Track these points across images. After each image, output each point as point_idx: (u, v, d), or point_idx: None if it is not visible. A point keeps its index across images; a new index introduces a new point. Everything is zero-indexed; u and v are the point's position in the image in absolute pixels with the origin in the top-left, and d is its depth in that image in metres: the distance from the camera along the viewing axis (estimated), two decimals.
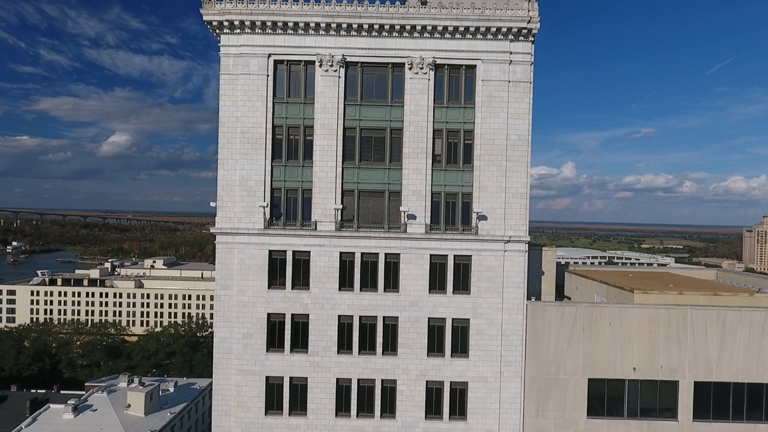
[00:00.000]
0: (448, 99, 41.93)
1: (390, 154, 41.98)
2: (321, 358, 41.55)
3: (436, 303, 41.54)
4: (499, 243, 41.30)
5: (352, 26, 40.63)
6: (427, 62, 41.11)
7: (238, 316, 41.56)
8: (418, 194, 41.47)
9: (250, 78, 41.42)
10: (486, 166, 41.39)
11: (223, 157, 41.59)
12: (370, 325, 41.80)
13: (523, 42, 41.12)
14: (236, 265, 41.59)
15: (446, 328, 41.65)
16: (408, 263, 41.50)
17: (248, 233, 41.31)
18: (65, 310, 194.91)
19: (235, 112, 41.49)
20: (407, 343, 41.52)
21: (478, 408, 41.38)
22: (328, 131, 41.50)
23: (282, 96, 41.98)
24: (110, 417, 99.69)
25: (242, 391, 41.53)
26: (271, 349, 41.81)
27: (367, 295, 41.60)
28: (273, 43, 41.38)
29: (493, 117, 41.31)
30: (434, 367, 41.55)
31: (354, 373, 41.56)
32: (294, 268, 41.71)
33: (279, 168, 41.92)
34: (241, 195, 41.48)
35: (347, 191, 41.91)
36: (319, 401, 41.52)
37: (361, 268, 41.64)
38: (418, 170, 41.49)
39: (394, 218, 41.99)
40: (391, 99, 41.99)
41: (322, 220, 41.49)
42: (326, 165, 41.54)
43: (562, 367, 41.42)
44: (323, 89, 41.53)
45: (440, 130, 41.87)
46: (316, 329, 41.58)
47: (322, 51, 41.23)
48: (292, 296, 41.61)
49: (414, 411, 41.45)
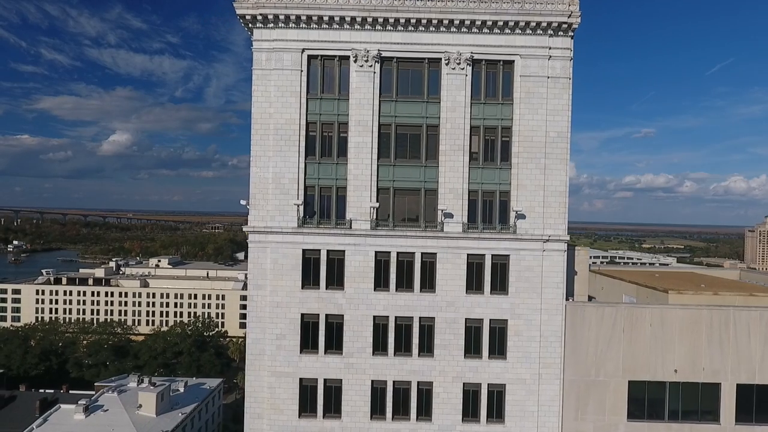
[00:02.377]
0: (485, 95, 41.08)
1: (426, 151, 41.11)
2: (356, 359, 40.68)
3: (474, 303, 40.69)
4: (537, 242, 40.45)
5: (389, 20, 39.76)
6: (464, 57, 40.24)
7: (271, 316, 40.70)
8: (455, 192, 40.60)
9: (284, 73, 40.54)
10: (524, 163, 40.54)
11: (256, 155, 40.70)
12: (405, 325, 40.95)
13: (563, 37, 40.26)
14: (269, 265, 40.71)
15: (483, 329, 40.80)
16: (445, 263, 40.64)
17: (282, 232, 40.44)
18: (70, 309, 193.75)
19: (268, 108, 40.60)
20: (444, 345, 40.66)
21: (516, 411, 40.54)
22: (363, 128, 40.63)
23: (315, 92, 41.11)
24: (122, 417, 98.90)
25: (275, 393, 40.67)
26: (305, 350, 40.93)
27: (403, 295, 40.74)
28: (307, 37, 40.50)
29: (532, 113, 40.46)
30: (471, 368, 40.71)
31: (389, 374, 40.71)
32: (328, 268, 40.84)
33: (312, 165, 41.04)
34: (274, 193, 40.60)
35: (382, 189, 41.05)
36: (353, 403, 40.67)
37: (396, 268, 40.77)
38: (455, 168, 40.62)
39: (429, 217, 41.13)
40: (427, 95, 41.13)
41: (357, 218, 40.63)
42: (361, 162, 40.66)
43: (602, 368, 40.58)
44: (358, 85, 40.65)
45: (477, 126, 41.02)
46: (350, 330, 40.72)
47: (357, 46, 40.36)
48: (327, 296, 40.74)
49: (451, 414, 40.61)
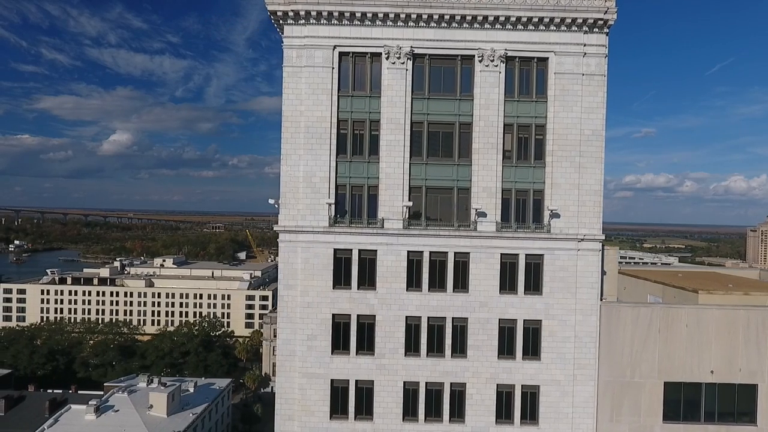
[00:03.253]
0: (518, 92, 40.53)
1: (458, 149, 40.57)
2: (388, 360, 40.14)
3: (507, 304, 40.15)
4: (572, 242, 39.92)
5: (422, 17, 39.19)
6: (498, 54, 39.69)
7: (302, 317, 40.15)
8: (489, 191, 40.06)
9: (315, 70, 39.98)
10: (559, 162, 40.00)
11: (286, 153, 40.15)
12: (438, 326, 40.41)
13: (598, 34, 39.72)
14: (300, 265, 40.16)
15: (517, 329, 40.27)
16: (478, 262, 40.10)
17: (313, 231, 39.88)
18: (75, 309, 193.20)
19: (299, 106, 40.05)
20: (477, 345, 40.13)
21: (551, 412, 40.02)
22: (395, 126, 40.08)
23: (347, 89, 40.56)
24: (133, 418, 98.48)
25: (306, 394, 40.12)
26: (336, 351, 40.38)
27: (436, 295, 40.19)
28: (338, 34, 39.93)
29: (566, 111, 39.92)
30: (505, 370, 40.17)
31: (422, 376, 40.17)
32: (360, 268, 40.29)
33: (344, 164, 40.49)
34: (305, 192, 40.05)
35: (414, 188, 40.50)
36: (385, 405, 40.13)
37: (429, 268, 40.23)
38: (489, 166, 40.08)
39: (462, 216, 40.59)
40: (459, 92, 40.58)
41: (390, 217, 40.08)
42: (393, 161, 40.11)
43: (637, 370, 40.06)
44: (390, 82, 40.10)
45: (510, 124, 40.46)
46: (382, 331, 40.18)
47: (390, 43, 39.80)
48: (358, 297, 40.20)
49: (484, 415, 40.08)
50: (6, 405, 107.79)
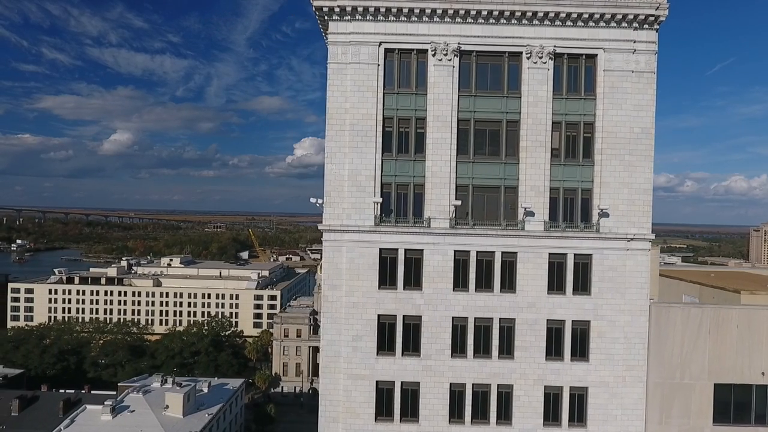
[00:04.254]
0: (566, 90, 39.94)
1: (505, 147, 39.97)
2: (434, 361, 39.54)
3: (555, 304, 39.56)
4: (621, 241, 39.32)
5: (470, 13, 38.59)
6: (547, 51, 39.09)
7: (346, 317, 39.54)
8: (537, 190, 39.47)
9: (360, 67, 39.37)
10: (608, 160, 39.40)
11: (331, 151, 39.54)
12: (484, 327, 39.81)
13: (648, 30, 39.12)
14: (345, 264, 39.55)
15: (565, 330, 39.68)
16: (525, 262, 39.51)
17: (358, 230, 39.27)
18: (83, 308, 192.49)
19: (344, 104, 39.44)
20: (524, 346, 39.54)
21: (599, 414, 39.43)
22: (442, 124, 39.47)
23: (392, 86, 39.95)
24: (149, 418, 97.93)
25: (351, 396, 39.52)
26: (381, 352, 39.78)
27: (483, 295, 39.60)
28: (384, 30, 39.33)
29: (616, 109, 39.32)
30: (553, 371, 39.58)
31: (468, 377, 39.59)
32: (406, 268, 39.70)
33: (389, 162, 39.89)
34: (350, 190, 39.44)
35: (461, 186, 39.89)
36: (431, 407, 39.53)
37: (476, 268, 39.64)
38: (537, 165, 39.48)
39: (509, 215, 40.00)
40: (507, 90, 39.98)
41: (436, 216, 39.48)
42: (440, 159, 39.51)
43: (687, 371, 39.48)
44: (437, 79, 39.49)
45: (559, 122, 39.87)
46: (428, 331, 39.58)
47: (437, 39, 39.19)
48: (404, 297, 39.60)
49: (531, 417, 39.49)
50: (20, 405, 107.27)
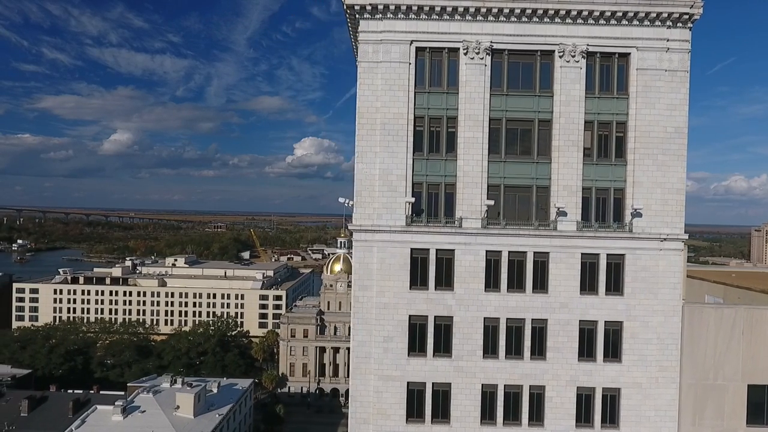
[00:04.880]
0: (599, 89, 39.65)
1: (537, 147, 39.69)
2: (465, 362, 39.24)
3: (588, 305, 39.27)
4: (654, 241, 39.04)
5: (503, 11, 38.29)
6: (579, 50, 38.80)
7: (377, 318, 39.23)
8: (569, 189, 39.18)
9: (391, 66, 39.06)
10: (641, 160, 39.12)
11: (362, 150, 39.23)
12: (516, 327, 39.52)
13: (681, 28, 38.84)
14: (375, 265, 39.24)
15: (597, 331, 39.39)
16: (558, 262, 39.22)
17: (390, 230, 38.96)
18: (88, 308, 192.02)
19: (375, 102, 39.14)
20: (557, 347, 39.24)
21: (632, 416, 39.13)
22: (474, 123, 39.17)
23: (423, 85, 39.64)
24: (160, 418, 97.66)
25: (382, 397, 39.22)
26: (412, 353, 39.47)
27: (515, 296, 39.30)
28: (416, 29, 39.03)
29: (649, 108, 39.05)
30: (585, 372, 39.29)
31: (500, 378, 39.29)
32: (437, 268, 39.40)
33: (420, 161, 39.58)
34: (381, 190, 39.12)
35: (492, 186, 39.58)
36: (463, 408, 39.23)
37: (507, 268, 39.34)
38: (569, 164, 39.19)
39: (541, 215, 39.71)
40: (538, 89, 39.70)
41: (468, 216, 39.17)
42: (471, 159, 39.20)
43: (720, 372, 39.20)
44: (468, 78, 39.19)
45: (591, 121, 39.57)
46: (460, 332, 39.28)
47: (469, 38, 38.89)
48: (436, 297, 39.29)
49: (564, 419, 39.20)
50: (29, 405, 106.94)
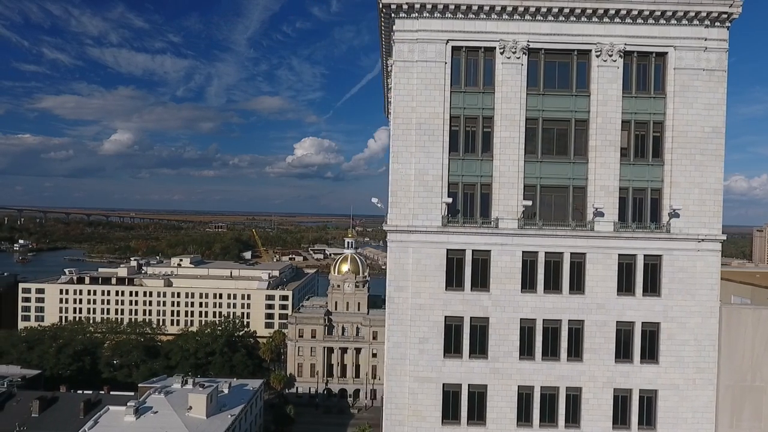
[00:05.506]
0: (635, 88, 39.39)
1: (574, 147, 39.42)
2: (501, 364, 38.98)
3: (625, 306, 39.01)
4: (692, 242, 38.79)
5: (540, 10, 38.02)
6: (617, 49, 38.54)
7: (413, 319, 38.96)
8: (606, 190, 38.91)
9: (427, 65, 38.79)
10: (678, 160, 38.86)
11: (397, 150, 38.95)
12: (552, 329, 39.26)
13: (719, 28, 38.59)
14: (411, 266, 38.98)
15: (634, 332, 39.14)
16: (595, 263, 38.96)
17: (426, 231, 38.69)
18: (94, 308, 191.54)
19: (411, 102, 38.86)
20: (593, 349, 38.99)
21: (669, 417, 38.89)
22: (510, 123, 38.90)
23: (459, 85, 39.37)
24: (172, 419, 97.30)
25: (417, 399, 38.95)
26: (448, 354, 39.21)
27: (551, 297, 39.05)
28: (452, 28, 38.76)
29: (686, 108, 38.79)
30: (622, 373, 39.04)
31: (536, 380, 39.03)
32: (473, 269, 39.13)
33: (456, 161, 39.31)
34: (416, 190, 38.85)
35: (528, 186, 39.31)
36: (499, 410, 38.97)
37: (544, 269, 39.08)
38: (606, 164, 38.93)
39: (577, 215, 39.44)
40: (575, 88, 39.43)
41: (504, 217, 38.90)
42: (508, 159, 38.93)
43: (758, 373, 38.97)
44: (505, 78, 38.92)
45: (628, 121, 39.32)
46: (496, 333, 39.02)
47: (506, 37, 38.62)
48: (472, 298, 39.02)
49: (600, 420, 38.94)
50: (40, 406, 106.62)
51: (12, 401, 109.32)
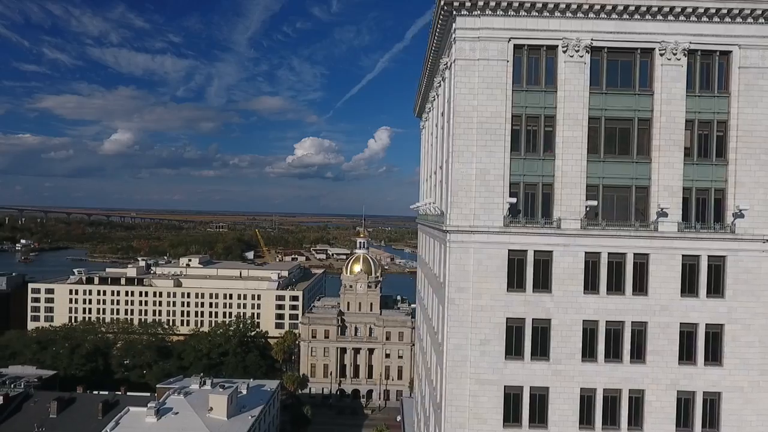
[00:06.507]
0: (699, 87, 38.92)
1: (636, 146, 38.95)
2: (564, 366, 38.48)
3: (688, 307, 38.54)
4: (757, 243, 38.32)
5: (604, 8, 37.52)
6: (681, 47, 38.05)
7: (474, 320, 38.45)
8: (670, 190, 38.43)
9: (489, 64, 38.26)
10: (743, 159, 38.40)
11: (458, 150, 38.43)
12: (615, 330, 38.78)
13: None
14: (472, 267, 38.46)
15: (698, 334, 38.66)
16: (658, 264, 38.47)
17: (488, 231, 38.18)
18: (104, 309, 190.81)
19: (472, 101, 38.34)
20: (656, 351, 38.51)
21: (733, 421, 38.43)
22: (573, 122, 38.40)
23: (520, 84, 38.85)
24: (193, 420, 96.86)
25: (479, 402, 38.44)
26: (509, 356, 38.71)
27: (614, 298, 38.55)
28: (514, 26, 38.23)
29: (751, 107, 38.32)
30: (686, 376, 38.57)
31: (599, 382, 38.53)
32: (534, 269, 38.64)
33: (517, 161, 38.79)
34: (478, 190, 38.34)
35: (590, 186, 38.80)
36: (561, 413, 38.47)
37: (607, 270, 38.60)
38: (670, 164, 38.45)
39: (640, 215, 38.95)
40: (637, 87, 38.95)
41: (566, 217, 38.40)
42: (570, 158, 38.43)
43: None
44: (568, 76, 38.41)
45: (691, 120, 38.84)
46: (558, 335, 38.52)
47: (569, 35, 38.11)
48: (533, 300, 38.52)
49: (663, 423, 38.47)
50: (58, 407, 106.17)
51: (29, 402, 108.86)
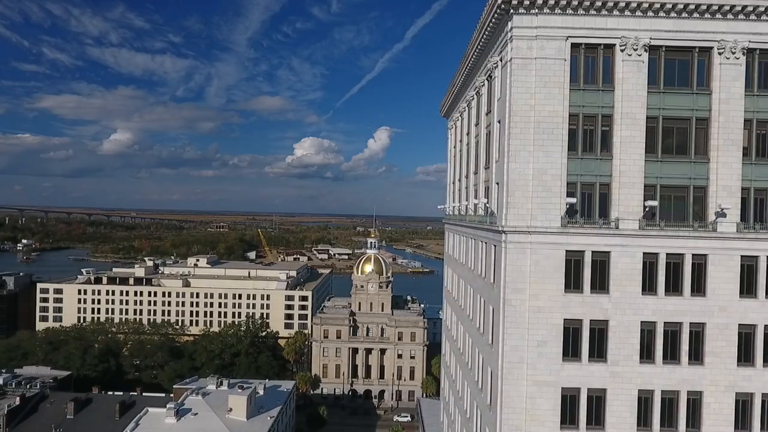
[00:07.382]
0: (757, 86, 38.62)
1: (694, 146, 38.62)
2: (621, 368, 38.15)
3: (747, 308, 38.24)
4: None
5: (663, 6, 37.20)
6: (740, 46, 37.74)
7: (531, 322, 38.09)
8: (729, 190, 38.12)
9: (546, 63, 37.91)
10: None
11: (515, 149, 38.06)
12: (672, 331, 38.46)
13: None
14: (529, 267, 38.10)
15: (756, 335, 38.38)
16: (717, 265, 38.16)
17: (545, 232, 37.83)
18: (113, 309, 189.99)
19: (529, 100, 37.98)
20: (715, 352, 38.21)
21: None
22: (631, 121, 38.05)
23: (577, 83, 38.50)
24: (213, 421, 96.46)
25: (536, 403, 38.10)
26: (566, 358, 38.37)
27: (672, 299, 38.23)
28: (571, 24, 37.89)
29: None
30: (744, 377, 38.28)
31: (657, 384, 38.21)
32: (592, 270, 38.29)
33: (574, 161, 38.44)
34: (535, 190, 37.98)
35: (647, 186, 38.46)
36: (618, 415, 38.15)
37: (665, 270, 38.27)
38: (729, 164, 38.14)
39: (698, 216, 38.63)
40: (695, 86, 38.63)
41: (624, 217, 38.06)
42: (628, 158, 38.09)
43: None
44: (625, 75, 38.07)
45: (749, 120, 38.55)
46: (616, 336, 38.18)
47: (627, 34, 37.76)
48: (591, 301, 38.18)
49: (722, 425, 38.17)
50: (75, 407, 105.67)
51: (45, 403, 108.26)
